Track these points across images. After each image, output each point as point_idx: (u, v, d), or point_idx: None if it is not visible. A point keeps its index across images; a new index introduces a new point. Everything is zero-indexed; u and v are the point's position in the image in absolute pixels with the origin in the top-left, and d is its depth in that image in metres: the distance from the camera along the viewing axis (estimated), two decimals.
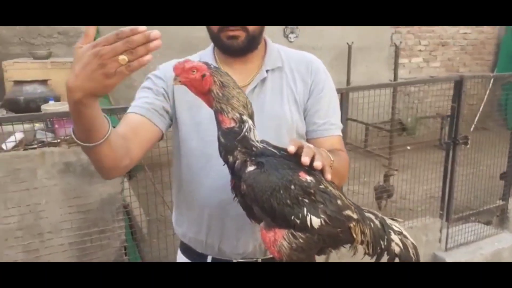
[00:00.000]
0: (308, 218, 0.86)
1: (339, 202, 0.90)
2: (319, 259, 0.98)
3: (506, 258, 3.14)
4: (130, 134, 1.04)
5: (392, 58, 5.62)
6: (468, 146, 3.33)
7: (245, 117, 0.90)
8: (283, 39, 5.27)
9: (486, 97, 6.43)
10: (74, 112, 0.83)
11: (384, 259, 0.99)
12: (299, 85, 1.18)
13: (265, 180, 0.86)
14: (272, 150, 0.93)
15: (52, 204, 1.91)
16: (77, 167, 1.92)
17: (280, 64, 1.19)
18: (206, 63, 0.91)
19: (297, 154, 0.91)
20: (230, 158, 0.91)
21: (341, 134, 1.21)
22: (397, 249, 0.96)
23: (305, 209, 0.86)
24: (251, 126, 0.91)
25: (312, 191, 0.87)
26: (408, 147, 3.54)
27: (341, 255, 1.15)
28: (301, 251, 0.89)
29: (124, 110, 1.93)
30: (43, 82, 2.46)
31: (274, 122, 1.14)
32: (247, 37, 1.10)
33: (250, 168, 0.89)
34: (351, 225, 0.92)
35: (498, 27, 6.66)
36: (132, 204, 2.21)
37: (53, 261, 1.97)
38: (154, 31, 0.76)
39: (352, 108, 4.22)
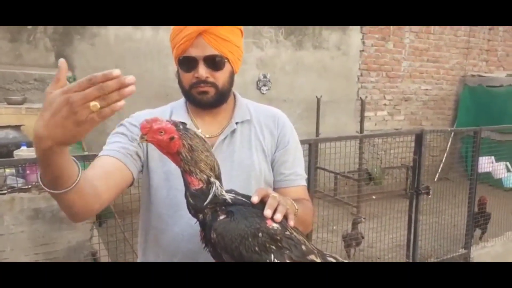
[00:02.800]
0: None
1: (303, 247, 0.95)
2: None
3: None
4: (101, 176, 1.02)
5: (359, 111, 5.90)
6: (430, 196, 3.48)
7: (212, 179, 0.94)
8: (256, 92, 5.47)
9: (447, 149, 6.78)
10: (42, 160, 0.80)
11: None
12: (266, 137, 1.25)
13: (235, 228, 0.90)
14: (241, 199, 0.97)
15: (17, 252, 1.87)
16: (47, 213, 1.91)
17: (249, 117, 1.25)
18: (175, 124, 0.92)
19: (263, 203, 0.98)
20: (200, 216, 0.95)
21: (305, 184, 1.28)
22: None
23: (272, 256, 0.90)
24: (219, 187, 0.95)
25: (278, 237, 0.91)
26: (374, 197, 3.65)
27: None
28: None
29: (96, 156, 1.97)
30: (16, 127, 2.47)
31: (242, 172, 1.19)
32: (216, 92, 1.17)
33: (221, 217, 0.93)
34: None
35: (456, 84, 7.14)
36: (100, 252, 2.18)
37: None
38: (129, 77, 0.73)
39: (322, 158, 4.37)
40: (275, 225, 0.93)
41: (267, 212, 0.90)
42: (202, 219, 0.95)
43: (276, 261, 0.91)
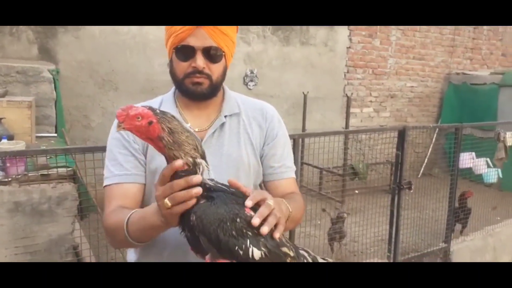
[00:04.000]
0: (250, 250, 0.92)
1: (278, 239, 0.98)
2: None
3: None
4: (134, 205, 1.15)
5: (345, 108, 5.95)
6: (411, 191, 3.53)
7: (198, 160, 0.94)
8: (243, 87, 5.47)
9: (431, 146, 6.87)
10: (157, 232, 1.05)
11: None
12: (255, 130, 1.26)
13: (214, 212, 0.92)
14: (222, 187, 0.99)
15: None
16: (27, 206, 1.90)
17: (238, 110, 1.26)
18: (151, 108, 0.92)
19: (241, 193, 0.99)
20: None
21: (294, 176, 1.30)
22: None
23: (248, 241, 0.92)
24: (205, 167, 0.95)
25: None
26: (356, 191, 3.69)
27: None
28: None
29: (80, 150, 1.96)
30: None
31: (231, 164, 1.20)
32: (210, 85, 1.18)
33: (201, 201, 0.94)
34: (287, 260, 0.98)
35: (441, 82, 7.24)
36: (82, 245, 2.17)
37: None
38: (196, 176, 0.89)
39: (307, 153, 4.40)
40: (253, 213, 0.95)
41: (255, 220, 0.92)
42: None
43: (251, 246, 0.92)
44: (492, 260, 3.85)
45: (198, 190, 0.90)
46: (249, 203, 0.94)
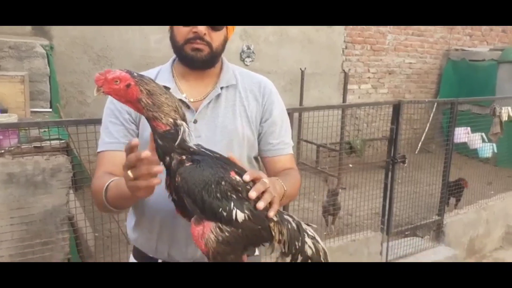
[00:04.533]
0: (234, 212, 0.94)
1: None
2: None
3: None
4: (120, 172, 1.12)
5: (343, 84, 5.92)
6: (405, 165, 3.55)
7: (179, 121, 0.95)
8: (240, 63, 5.43)
9: (429, 121, 6.87)
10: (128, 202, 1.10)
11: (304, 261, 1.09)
12: (251, 103, 1.26)
13: (200, 174, 0.94)
14: (206, 151, 1.00)
15: None
16: (21, 178, 1.92)
17: (234, 82, 1.26)
18: (129, 71, 0.93)
19: (232, 162, 1.00)
20: (167, 159, 0.97)
21: (292, 152, 1.32)
22: (309, 252, 1.04)
23: (232, 203, 0.94)
24: (186, 129, 0.96)
25: (240, 188, 0.95)
26: (350, 165, 3.71)
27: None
28: (226, 244, 0.95)
29: (72, 122, 1.97)
30: None
31: (225, 136, 1.21)
32: (209, 52, 1.18)
33: (187, 164, 0.96)
34: (271, 224, 1.00)
35: (439, 58, 7.18)
36: (77, 216, 2.20)
37: None
38: (145, 152, 0.88)
39: (305, 130, 4.40)
40: (238, 178, 0.97)
41: (253, 193, 0.94)
42: (169, 163, 0.97)
43: (235, 209, 0.94)
44: (485, 232, 3.90)
45: (159, 169, 0.90)
46: (246, 177, 0.95)
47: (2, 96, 2.60)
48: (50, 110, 3.37)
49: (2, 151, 1.87)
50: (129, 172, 0.89)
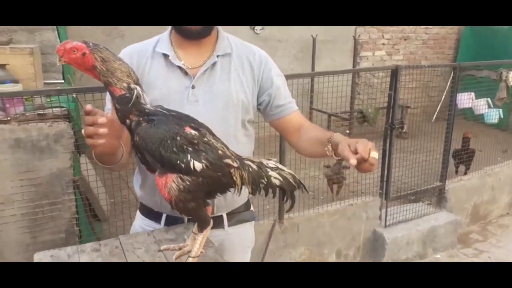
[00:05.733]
0: (191, 163, 1.04)
1: (220, 152, 1.09)
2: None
3: (440, 233, 3.40)
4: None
5: (357, 51, 5.86)
6: (404, 131, 3.53)
7: (132, 85, 1.05)
8: (249, 31, 5.43)
9: (446, 89, 6.73)
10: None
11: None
12: (246, 70, 1.35)
13: (155, 132, 1.04)
14: (163, 111, 1.10)
15: (3, 177, 2.06)
16: (27, 143, 2.07)
17: (230, 50, 1.35)
18: (84, 41, 1.02)
19: (189, 118, 1.10)
20: (127, 121, 1.07)
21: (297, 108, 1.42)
22: (277, 182, 1.15)
23: (189, 156, 1.04)
24: (140, 92, 1.06)
25: (195, 141, 1.06)
26: (347, 131, 3.73)
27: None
28: (187, 192, 1.07)
29: (72, 90, 2.10)
30: (1, 66, 2.59)
31: (221, 101, 1.31)
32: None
33: (143, 124, 1.06)
34: (231, 170, 1.10)
35: None
36: (96, 183, 2.38)
37: (6, 231, 2.13)
38: (101, 119, 1.02)
39: (316, 99, 4.41)
40: (193, 132, 1.07)
41: (353, 161, 1.04)
42: (129, 125, 1.08)
43: (192, 160, 1.05)
44: (490, 199, 3.90)
45: (104, 130, 1.04)
46: (353, 162, 1.04)
47: (13, 68, 2.74)
48: (63, 81, 3.52)
49: (9, 118, 2.02)
50: (82, 131, 1.05)
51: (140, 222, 1.47)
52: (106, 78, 1.03)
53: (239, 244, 1.50)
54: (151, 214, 1.43)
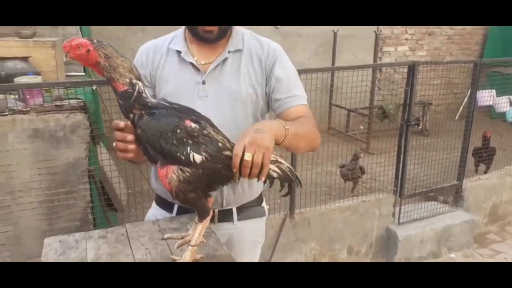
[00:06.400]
0: (191, 155, 1.08)
1: (220, 144, 1.12)
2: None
3: (455, 232, 3.34)
4: None
5: (378, 46, 5.76)
6: (420, 128, 3.45)
7: (134, 81, 1.09)
8: (269, 26, 5.42)
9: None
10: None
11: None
12: (255, 64, 1.37)
13: (156, 125, 1.08)
14: (165, 104, 1.13)
15: (22, 166, 2.15)
16: (45, 133, 2.15)
17: (241, 47, 1.36)
18: (90, 39, 1.07)
19: (190, 111, 1.14)
20: (131, 116, 1.12)
21: (305, 103, 1.37)
22: (275, 174, 1.17)
23: (188, 148, 1.08)
24: (142, 87, 1.10)
25: (195, 134, 1.09)
26: (361, 127, 3.69)
27: None
28: (187, 183, 1.10)
29: (87, 83, 2.17)
30: (24, 58, 2.68)
31: (230, 96, 1.34)
32: (219, 30, 1.31)
33: (145, 118, 1.10)
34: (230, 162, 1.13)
35: None
36: (112, 174, 2.46)
37: (24, 217, 2.23)
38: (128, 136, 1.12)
39: (336, 95, 4.37)
40: (193, 125, 1.10)
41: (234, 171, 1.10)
42: (132, 119, 1.12)
43: (192, 152, 1.08)
44: (510, 199, 3.80)
45: (133, 147, 1.13)
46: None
47: (36, 61, 2.84)
48: (84, 74, 3.62)
49: (28, 109, 2.11)
50: (114, 144, 1.15)
51: (154, 211, 1.54)
52: (109, 74, 1.08)
53: (248, 239, 1.51)
54: (165, 204, 1.49)
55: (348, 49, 5.92)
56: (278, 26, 5.54)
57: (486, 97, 3.34)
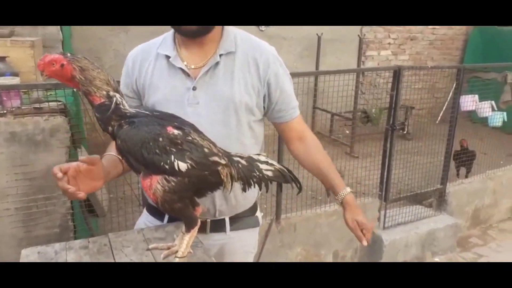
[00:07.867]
0: (175, 164, 1.03)
1: (205, 150, 1.07)
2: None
3: (439, 237, 3.36)
4: None
5: (362, 50, 5.80)
6: (405, 132, 3.48)
7: (111, 93, 1.04)
8: (254, 28, 5.39)
9: (452, 90, 6.65)
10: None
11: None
12: (251, 69, 1.28)
13: (136, 134, 1.02)
14: (145, 112, 1.08)
15: None
16: (22, 137, 2.06)
17: (234, 49, 1.27)
18: (62, 53, 1.02)
19: (172, 118, 1.08)
20: (110, 128, 1.06)
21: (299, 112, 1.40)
22: (269, 173, 1.15)
23: (172, 156, 1.03)
24: (119, 99, 1.05)
25: (179, 141, 1.04)
26: (347, 131, 3.70)
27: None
28: (173, 193, 1.05)
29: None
30: (1, 58, 2.58)
31: (223, 102, 1.27)
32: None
33: (124, 127, 1.05)
34: (219, 168, 1.09)
35: None
36: None
37: (0, 224, 2.13)
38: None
39: (320, 99, 4.36)
40: (176, 131, 1.05)
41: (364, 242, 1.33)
42: (112, 131, 1.06)
43: (176, 161, 1.03)
44: (491, 203, 3.86)
45: (73, 189, 1.12)
46: (364, 243, 1.32)
47: (14, 61, 2.73)
48: None
49: (5, 111, 2.02)
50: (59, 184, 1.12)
51: (144, 219, 1.48)
52: (85, 87, 1.02)
53: (240, 249, 1.47)
54: (156, 212, 1.43)
55: (332, 53, 5.94)
56: (263, 29, 5.52)
57: (469, 102, 3.37)
